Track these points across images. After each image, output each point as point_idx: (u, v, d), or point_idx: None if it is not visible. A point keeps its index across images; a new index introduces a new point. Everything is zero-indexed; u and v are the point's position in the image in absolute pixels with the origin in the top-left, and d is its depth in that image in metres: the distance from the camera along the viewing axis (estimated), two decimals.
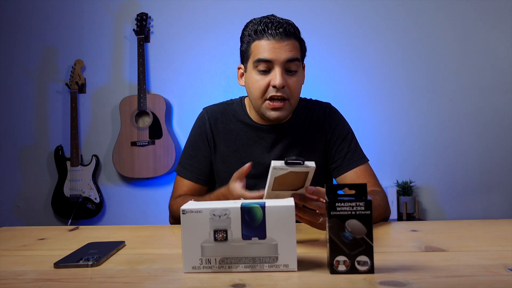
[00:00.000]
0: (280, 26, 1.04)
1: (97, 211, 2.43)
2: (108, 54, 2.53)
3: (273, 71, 1.04)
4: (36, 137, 2.56)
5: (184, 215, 0.64)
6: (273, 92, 1.05)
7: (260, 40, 1.05)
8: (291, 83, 1.06)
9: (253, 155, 1.16)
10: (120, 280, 0.62)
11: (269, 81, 1.05)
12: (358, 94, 2.40)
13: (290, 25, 1.06)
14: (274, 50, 1.03)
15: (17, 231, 1.03)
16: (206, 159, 1.20)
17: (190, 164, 1.20)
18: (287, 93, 1.06)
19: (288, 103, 1.08)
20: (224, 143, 1.19)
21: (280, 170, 0.72)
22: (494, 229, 0.90)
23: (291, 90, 1.07)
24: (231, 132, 1.19)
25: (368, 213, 0.60)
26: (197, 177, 1.20)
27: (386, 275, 0.60)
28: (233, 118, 1.20)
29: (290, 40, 1.05)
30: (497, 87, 2.36)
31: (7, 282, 0.63)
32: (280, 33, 1.03)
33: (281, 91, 1.05)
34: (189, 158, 1.21)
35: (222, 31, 2.43)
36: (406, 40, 2.40)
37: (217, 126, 1.20)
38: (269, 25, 1.04)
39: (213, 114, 1.21)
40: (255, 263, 0.63)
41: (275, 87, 1.04)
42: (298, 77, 1.08)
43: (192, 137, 1.23)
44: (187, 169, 1.21)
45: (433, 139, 2.39)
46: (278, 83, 1.03)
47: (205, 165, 1.20)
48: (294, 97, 1.09)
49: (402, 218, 2.28)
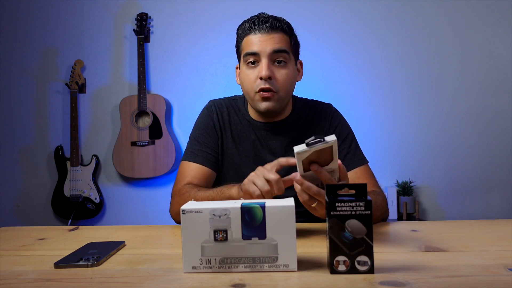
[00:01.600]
0: (266, 21, 1.07)
1: (97, 211, 2.43)
2: (108, 54, 2.53)
3: (260, 64, 1.06)
4: (36, 137, 2.56)
5: (184, 215, 0.64)
6: (262, 84, 1.06)
7: (249, 36, 1.08)
8: (279, 75, 1.07)
9: (254, 150, 1.17)
10: (120, 280, 0.62)
11: (257, 74, 1.07)
12: (358, 94, 2.40)
13: (278, 19, 1.08)
14: (260, 43, 1.06)
15: (17, 231, 1.02)
16: (215, 146, 1.18)
17: (199, 149, 1.16)
18: (275, 85, 1.07)
19: (277, 95, 1.08)
20: (229, 135, 1.19)
21: (304, 153, 0.72)
22: (494, 229, 0.90)
23: (280, 82, 1.07)
24: (235, 126, 1.20)
25: (368, 213, 0.60)
26: (207, 160, 1.15)
27: (386, 275, 0.60)
28: (237, 112, 1.21)
29: (277, 33, 1.07)
30: (497, 87, 2.36)
31: (7, 282, 0.63)
32: (267, 27, 1.06)
33: (269, 83, 1.06)
34: (197, 145, 1.17)
35: (222, 31, 2.43)
36: (406, 40, 2.40)
37: (223, 118, 1.20)
38: (256, 21, 1.08)
39: (220, 106, 1.22)
40: (255, 263, 0.63)
41: (262, 78, 1.05)
42: (287, 70, 1.09)
43: (199, 125, 1.20)
44: (196, 154, 1.16)
45: (433, 139, 2.39)
46: (263, 74, 1.04)
47: (215, 151, 1.17)
48: (283, 90, 1.09)
49: (402, 218, 2.28)
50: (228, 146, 1.19)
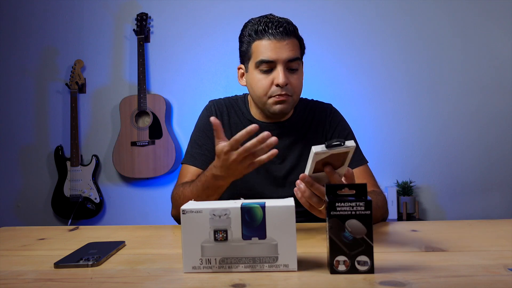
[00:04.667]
0: (280, 25, 1.05)
1: (97, 211, 2.43)
2: (108, 54, 2.53)
3: (276, 71, 1.06)
4: (36, 137, 2.56)
5: (184, 215, 0.64)
6: (278, 91, 1.07)
7: (261, 40, 1.06)
8: (293, 81, 1.09)
9: None
10: (120, 280, 0.62)
11: (272, 80, 1.07)
12: (358, 94, 2.40)
13: (289, 24, 1.08)
14: (276, 50, 1.05)
15: (17, 231, 1.02)
16: (214, 147, 1.17)
17: (198, 153, 1.18)
18: (290, 90, 1.08)
19: (292, 98, 1.10)
20: (229, 135, 1.19)
21: (322, 155, 0.71)
22: (494, 229, 0.90)
23: (294, 87, 1.09)
24: (235, 126, 1.20)
25: (368, 213, 0.60)
26: (205, 163, 1.14)
27: (386, 275, 0.60)
28: (237, 112, 1.21)
29: (291, 39, 1.06)
30: (497, 88, 2.36)
31: (7, 282, 0.63)
32: (281, 32, 1.05)
33: (285, 89, 1.07)
34: (196, 148, 1.19)
35: (222, 31, 2.43)
36: (406, 40, 2.40)
37: (222, 118, 1.20)
38: (269, 25, 1.05)
39: (219, 106, 1.22)
40: (255, 263, 0.63)
41: (278, 85, 1.06)
42: (299, 75, 1.11)
43: (199, 128, 1.21)
44: (195, 157, 1.17)
45: (433, 139, 2.39)
46: (281, 82, 1.05)
47: (213, 153, 1.16)
48: (296, 93, 1.12)
49: (402, 218, 2.28)
50: None
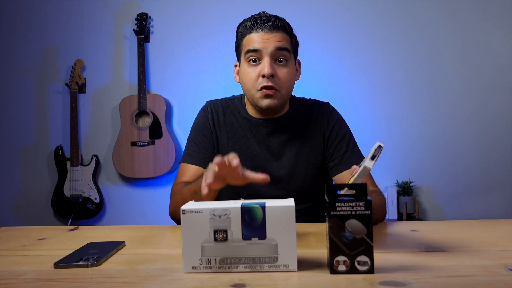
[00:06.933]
0: (269, 20, 1.08)
1: (97, 211, 2.43)
2: (108, 54, 2.53)
3: (262, 61, 1.07)
4: (36, 137, 2.56)
5: (184, 215, 0.64)
6: (264, 82, 1.06)
7: (250, 34, 1.09)
8: (280, 74, 1.08)
9: (251, 148, 1.17)
10: (120, 280, 0.62)
11: (259, 72, 1.07)
12: (358, 94, 2.40)
13: (279, 19, 1.09)
14: (263, 41, 1.07)
15: (17, 231, 1.02)
16: (211, 145, 1.20)
17: (195, 151, 1.19)
18: (277, 83, 1.08)
19: (279, 93, 1.09)
20: (224, 135, 1.20)
21: None
22: (494, 229, 0.90)
23: (281, 81, 1.08)
24: (232, 125, 1.20)
25: (368, 213, 0.60)
26: (203, 161, 1.16)
27: (386, 275, 0.60)
28: (233, 111, 1.22)
29: (279, 32, 1.08)
30: (497, 88, 2.36)
31: (7, 282, 0.63)
32: (269, 26, 1.07)
33: (271, 81, 1.06)
34: (194, 146, 1.20)
35: (222, 31, 2.43)
36: (406, 40, 2.40)
37: (218, 118, 1.21)
38: (258, 20, 1.08)
39: (215, 106, 1.23)
40: (255, 263, 0.63)
41: (264, 76, 1.06)
42: (289, 69, 1.10)
43: (196, 127, 1.23)
44: (193, 156, 1.18)
45: (433, 139, 2.39)
46: (266, 72, 1.05)
47: (211, 151, 1.19)
48: (285, 88, 1.10)
49: (402, 218, 2.28)
50: (223, 145, 1.19)
